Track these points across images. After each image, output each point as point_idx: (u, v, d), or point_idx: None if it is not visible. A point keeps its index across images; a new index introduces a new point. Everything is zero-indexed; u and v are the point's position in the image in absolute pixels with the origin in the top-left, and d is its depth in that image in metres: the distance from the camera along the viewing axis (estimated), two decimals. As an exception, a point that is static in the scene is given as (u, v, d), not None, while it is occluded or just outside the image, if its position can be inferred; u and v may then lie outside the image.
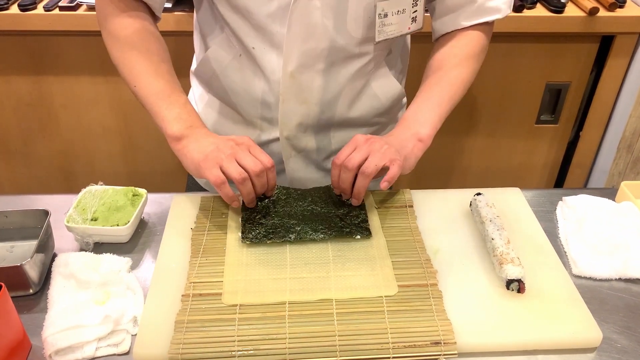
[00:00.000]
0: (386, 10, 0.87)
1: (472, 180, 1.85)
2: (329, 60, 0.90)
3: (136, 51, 0.89)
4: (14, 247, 0.84)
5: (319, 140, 1.01)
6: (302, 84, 0.91)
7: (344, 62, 0.92)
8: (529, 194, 0.97)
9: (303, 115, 0.95)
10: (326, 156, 1.04)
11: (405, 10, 0.89)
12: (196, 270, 0.78)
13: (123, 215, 0.86)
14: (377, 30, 0.89)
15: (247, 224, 0.84)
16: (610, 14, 1.50)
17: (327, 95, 0.94)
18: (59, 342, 0.68)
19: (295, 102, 0.93)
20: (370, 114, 1.01)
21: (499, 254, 0.78)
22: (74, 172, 1.81)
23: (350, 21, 0.87)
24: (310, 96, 0.93)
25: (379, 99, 1.00)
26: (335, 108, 0.97)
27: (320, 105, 0.95)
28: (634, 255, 0.82)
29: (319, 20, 0.85)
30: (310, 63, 0.89)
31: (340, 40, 0.88)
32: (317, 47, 0.88)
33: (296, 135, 0.98)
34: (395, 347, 0.68)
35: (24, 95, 1.64)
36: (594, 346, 0.71)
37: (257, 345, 0.68)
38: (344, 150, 0.84)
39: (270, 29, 0.87)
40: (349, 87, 0.95)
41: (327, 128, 1.00)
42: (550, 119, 1.73)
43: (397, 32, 0.91)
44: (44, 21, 1.47)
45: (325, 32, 0.87)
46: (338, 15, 0.86)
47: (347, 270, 0.78)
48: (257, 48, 0.90)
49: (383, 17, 0.88)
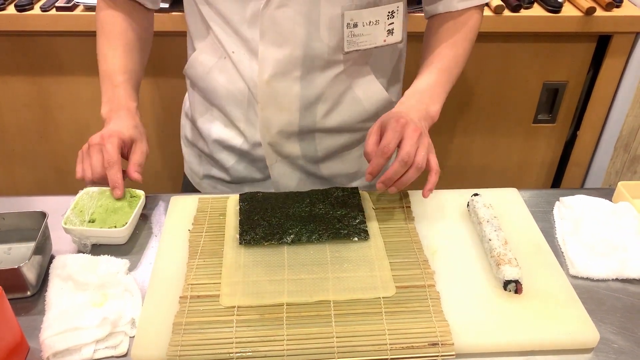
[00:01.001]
0: (355, 19, 0.86)
1: (469, 179, 1.85)
2: (305, 68, 0.89)
3: (103, 34, 0.97)
4: (11, 249, 0.84)
5: (303, 147, 1.00)
6: (280, 91, 0.91)
7: (321, 69, 0.91)
8: (526, 194, 0.97)
9: (283, 122, 0.95)
10: (314, 162, 1.03)
11: (379, 21, 0.88)
12: (194, 272, 0.78)
13: (120, 217, 0.86)
14: (347, 40, 0.87)
15: (244, 226, 0.84)
16: (607, 14, 1.50)
17: (306, 102, 0.93)
18: (56, 344, 0.68)
19: (275, 109, 0.93)
20: (354, 120, 0.99)
21: (497, 254, 0.78)
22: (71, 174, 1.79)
23: (323, 29, 0.86)
24: (289, 104, 0.93)
25: (363, 105, 0.98)
26: (316, 114, 0.96)
27: (300, 112, 0.94)
28: (631, 255, 0.82)
29: (290, 27, 0.84)
30: (287, 70, 0.89)
31: (315, 48, 0.87)
32: (292, 55, 0.87)
33: (278, 142, 0.98)
34: (393, 349, 0.68)
35: (21, 96, 1.64)
36: (591, 347, 0.71)
37: (255, 347, 0.68)
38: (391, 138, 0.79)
39: (246, 35, 0.87)
40: (328, 93, 0.94)
41: (311, 134, 0.99)
42: (548, 118, 1.73)
43: (369, 43, 0.89)
44: (41, 21, 1.47)
45: (298, 39, 0.86)
46: (310, 23, 0.85)
47: (345, 271, 0.78)
48: (236, 53, 0.90)
49: (352, 27, 0.86)
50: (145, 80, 1.59)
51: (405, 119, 0.81)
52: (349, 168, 1.06)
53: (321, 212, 0.87)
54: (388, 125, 0.81)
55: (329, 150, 1.02)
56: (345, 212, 0.87)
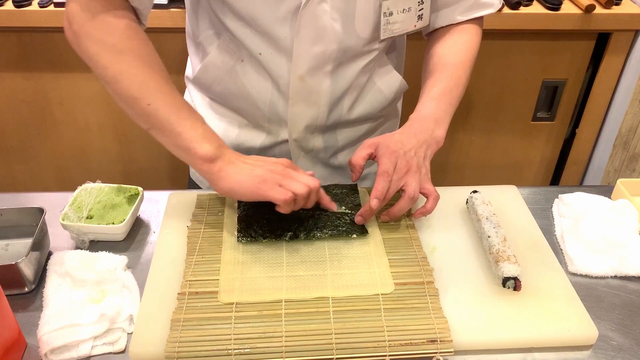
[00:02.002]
0: (391, 9, 0.87)
1: (468, 177, 1.85)
2: (337, 62, 0.90)
3: (139, 62, 0.78)
4: (9, 246, 0.83)
5: (326, 140, 1.01)
6: (312, 86, 0.91)
7: (350, 61, 0.92)
8: (525, 191, 0.97)
9: (312, 117, 0.96)
10: (333, 153, 1.05)
11: (411, 8, 0.89)
12: (192, 269, 0.78)
13: (119, 213, 0.86)
14: (382, 28, 0.89)
15: (242, 223, 0.84)
16: (606, 11, 1.50)
17: (334, 96, 0.94)
18: (54, 340, 0.67)
19: (305, 104, 0.94)
20: (376, 109, 1.01)
21: (496, 251, 0.78)
22: (69, 170, 1.80)
23: (358, 22, 0.87)
24: (319, 98, 0.93)
25: (384, 94, 1.00)
26: (343, 107, 0.97)
27: (329, 105, 0.95)
28: (630, 252, 0.82)
29: (327, 23, 0.85)
30: (320, 66, 0.89)
31: (349, 41, 0.88)
32: (327, 50, 0.88)
33: (304, 137, 0.99)
34: (392, 345, 0.68)
35: (19, 92, 1.63)
36: (590, 344, 0.71)
37: (253, 343, 0.67)
38: (388, 165, 0.80)
39: (278, 34, 0.86)
40: (355, 85, 0.95)
41: (334, 127, 1.01)
42: (547, 116, 1.73)
43: (402, 29, 0.91)
44: (39, 17, 1.46)
45: (334, 34, 0.86)
46: (346, 17, 0.86)
47: (344, 268, 0.78)
48: (264, 54, 0.89)
49: (388, 15, 0.88)
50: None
51: (396, 155, 0.82)
52: None
53: (320, 209, 0.86)
54: (382, 157, 0.82)
55: (349, 140, 1.04)
56: (344, 210, 0.86)
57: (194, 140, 0.77)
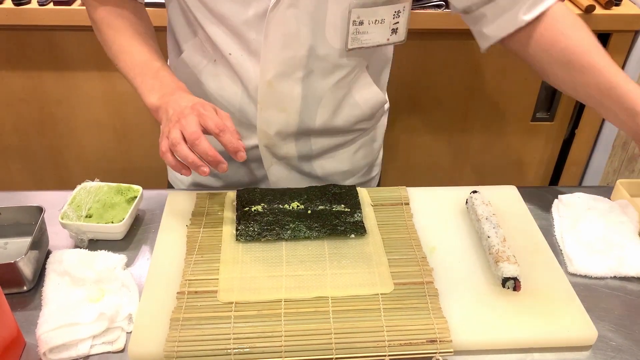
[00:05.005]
0: (362, 17, 0.85)
1: (467, 177, 1.85)
2: (308, 69, 0.88)
3: (112, 29, 0.90)
4: (8, 244, 0.83)
5: (299, 147, 0.99)
6: (281, 92, 0.90)
7: (324, 71, 0.90)
8: (524, 191, 0.97)
9: (282, 123, 0.94)
10: (307, 161, 1.03)
11: (385, 20, 0.87)
12: (191, 268, 0.78)
13: (118, 212, 0.86)
14: (351, 37, 0.86)
15: (241, 222, 0.84)
16: (606, 12, 1.50)
17: (307, 104, 0.92)
18: (53, 339, 0.67)
19: (274, 110, 0.92)
20: (351, 122, 0.99)
21: (495, 251, 0.78)
22: (68, 169, 1.80)
23: (329, 30, 0.85)
24: (290, 105, 0.92)
25: (361, 108, 0.98)
26: (316, 116, 0.95)
27: (300, 113, 0.93)
28: (629, 253, 0.82)
29: (296, 27, 0.83)
30: (289, 71, 0.88)
31: (320, 49, 0.87)
32: (296, 56, 0.86)
33: (276, 144, 0.97)
34: (391, 345, 0.67)
35: (18, 91, 1.63)
36: (589, 344, 0.71)
37: (253, 342, 0.67)
38: None
39: (247, 36, 0.85)
40: (330, 97, 0.93)
41: (307, 135, 0.98)
42: (546, 116, 1.73)
43: (373, 41, 0.88)
44: (38, 15, 1.46)
45: (304, 40, 0.85)
46: (316, 23, 0.84)
47: (343, 267, 0.78)
48: (233, 54, 0.88)
49: (358, 24, 0.85)
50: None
51: None
52: (342, 166, 1.06)
53: (318, 208, 0.86)
54: None
55: (324, 149, 1.02)
56: (342, 209, 0.86)
57: (143, 93, 0.85)
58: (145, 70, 0.86)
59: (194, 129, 0.74)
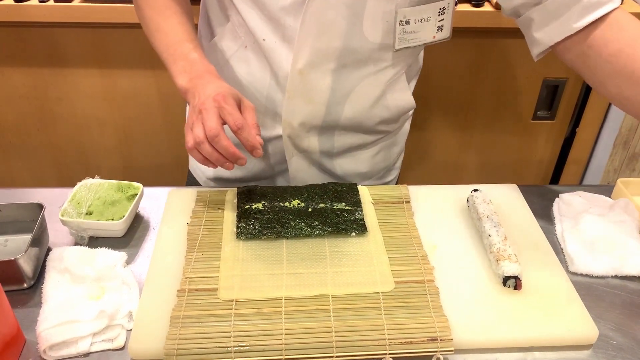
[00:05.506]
0: (408, 17, 0.85)
1: (468, 176, 1.85)
2: (340, 61, 0.88)
3: (151, 8, 0.90)
4: (8, 241, 0.83)
5: (321, 142, 0.99)
6: (311, 82, 0.90)
7: (356, 65, 0.89)
8: (525, 190, 0.96)
9: (308, 114, 0.94)
10: (328, 158, 1.03)
11: (430, 18, 0.87)
12: (192, 265, 0.77)
13: (118, 210, 0.86)
14: (398, 37, 0.86)
15: (242, 219, 0.84)
16: (608, 11, 1.50)
17: (335, 97, 0.92)
18: (53, 337, 0.67)
19: (302, 100, 0.92)
20: (376, 123, 0.99)
21: (496, 250, 0.78)
22: (69, 166, 1.80)
23: (367, 24, 0.85)
24: (317, 96, 0.91)
25: (390, 111, 0.98)
26: (342, 111, 0.95)
27: (327, 106, 0.93)
28: (630, 252, 0.82)
29: (333, 18, 0.83)
30: (321, 61, 0.88)
31: (355, 42, 0.86)
32: (329, 46, 0.86)
33: (299, 135, 0.97)
34: (392, 344, 0.67)
35: (19, 88, 1.63)
36: (590, 343, 0.71)
37: (253, 340, 0.67)
38: None
39: (283, 22, 0.85)
40: (360, 92, 0.93)
41: (331, 130, 0.98)
42: (547, 115, 1.73)
43: (419, 40, 0.88)
44: (39, 12, 1.45)
45: (339, 31, 0.85)
46: (354, 15, 0.84)
47: (344, 266, 0.78)
48: (267, 40, 0.88)
49: (404, 24, 0.85)
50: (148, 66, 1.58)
51: None
52: (362, 167, 1.06)
53: (319, 206, 0.86)
54: None
55: (346, 147, 1.02)
56: (343, 207, 0.86)
57: (174, 74, 0.85)
58: (178, 52, 0.86)
59: (213, 125, 0.75)
